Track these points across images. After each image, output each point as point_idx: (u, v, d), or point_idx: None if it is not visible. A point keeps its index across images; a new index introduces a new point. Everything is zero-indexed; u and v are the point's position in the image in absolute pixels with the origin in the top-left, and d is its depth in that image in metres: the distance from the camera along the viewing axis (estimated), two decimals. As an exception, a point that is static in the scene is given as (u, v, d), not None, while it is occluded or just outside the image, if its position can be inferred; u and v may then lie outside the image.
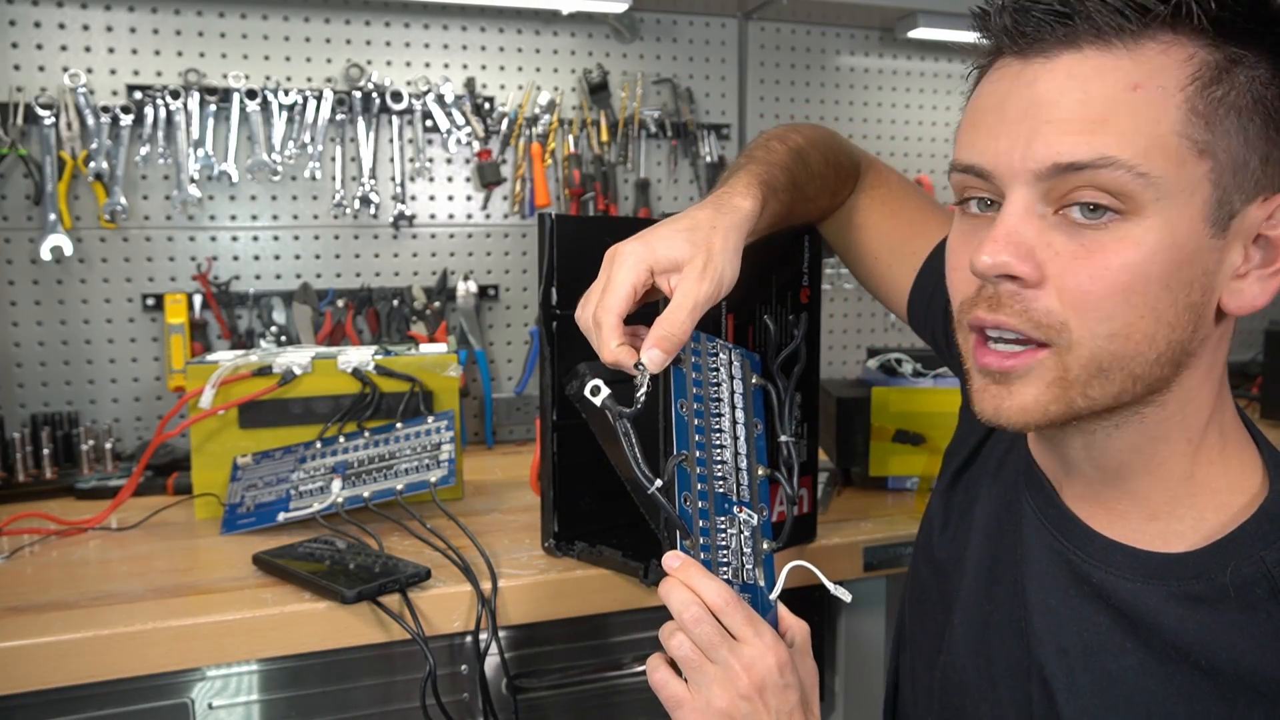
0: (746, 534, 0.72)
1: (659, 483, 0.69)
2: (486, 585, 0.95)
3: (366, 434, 1.19)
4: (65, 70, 1.45)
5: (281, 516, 1.10)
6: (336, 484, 1.12)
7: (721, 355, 0.75)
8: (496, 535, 1.10)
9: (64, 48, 1.46)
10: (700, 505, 0.70)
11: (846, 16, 1.83)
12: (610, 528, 1.06)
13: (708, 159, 1.79)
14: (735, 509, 0.71)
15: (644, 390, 0.68)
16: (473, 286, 1.67)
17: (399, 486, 1.10)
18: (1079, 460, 0.65)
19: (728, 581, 0.70)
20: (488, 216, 1.70)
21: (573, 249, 1.00)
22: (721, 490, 0.71)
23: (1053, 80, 0.55)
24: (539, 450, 1.04)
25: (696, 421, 0.71)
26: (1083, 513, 0.66)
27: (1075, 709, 0.62)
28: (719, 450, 0.72)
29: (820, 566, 1.09)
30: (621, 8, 1.59)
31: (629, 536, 1.01)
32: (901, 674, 0.84)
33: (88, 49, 1.47)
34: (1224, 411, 0.62)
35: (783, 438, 0.75)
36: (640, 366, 0.68)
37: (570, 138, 1.70)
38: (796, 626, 0.73)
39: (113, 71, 1.49)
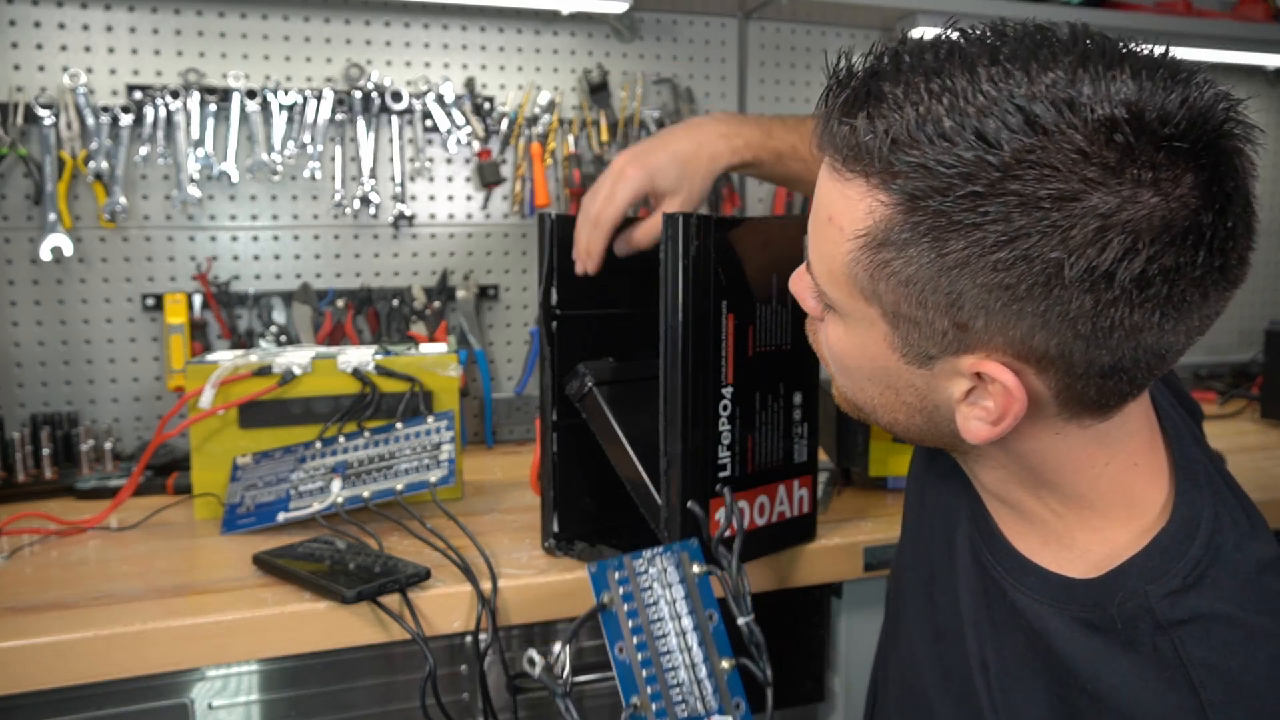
0: None
1: None
2: (486, 585, 0.95)
3: (366, 434, 1.19)
4: (65, 70, 1.45)
5: (281, 516, 1.10)
6: (336, 484, 1.12)
7: (651, 570, 0.75)
8: (496, 535, 1.10)
9: (64, 48, 1.46)
10: None
11: (846, 16, 1.83)
12: (610, 528, 1.06)
13: (708, 159, 1.79)
14: None
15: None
16: (473, 286, 1.67)
17: (399, 486, 1.10)
18: (969, 474, 0.68)
19: None
20: (488, 216, 1.70)
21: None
22: (686, 715, 0.70)
23: (820, 171, 0.58)
24: (539, 450, 1.05)
25: (641, 655, 0.71)
26: (1000, 523, 0.67)
27: None
28: (671, 673, 0.71)
29: (820, 566, 1.10)
30: (621, 8, 1.59)
31: (629, 536, 1.01)
32: (878, 668, 0.86)
33: (88, 49, 1.47)
34: (1101, 468, 0.60)
35: (740, 620, 0.73)
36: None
37: (570, 138, 1.70)
38: None
39: (113, 71, 1.49)
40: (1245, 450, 1.59)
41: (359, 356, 1.25)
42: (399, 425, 1.19)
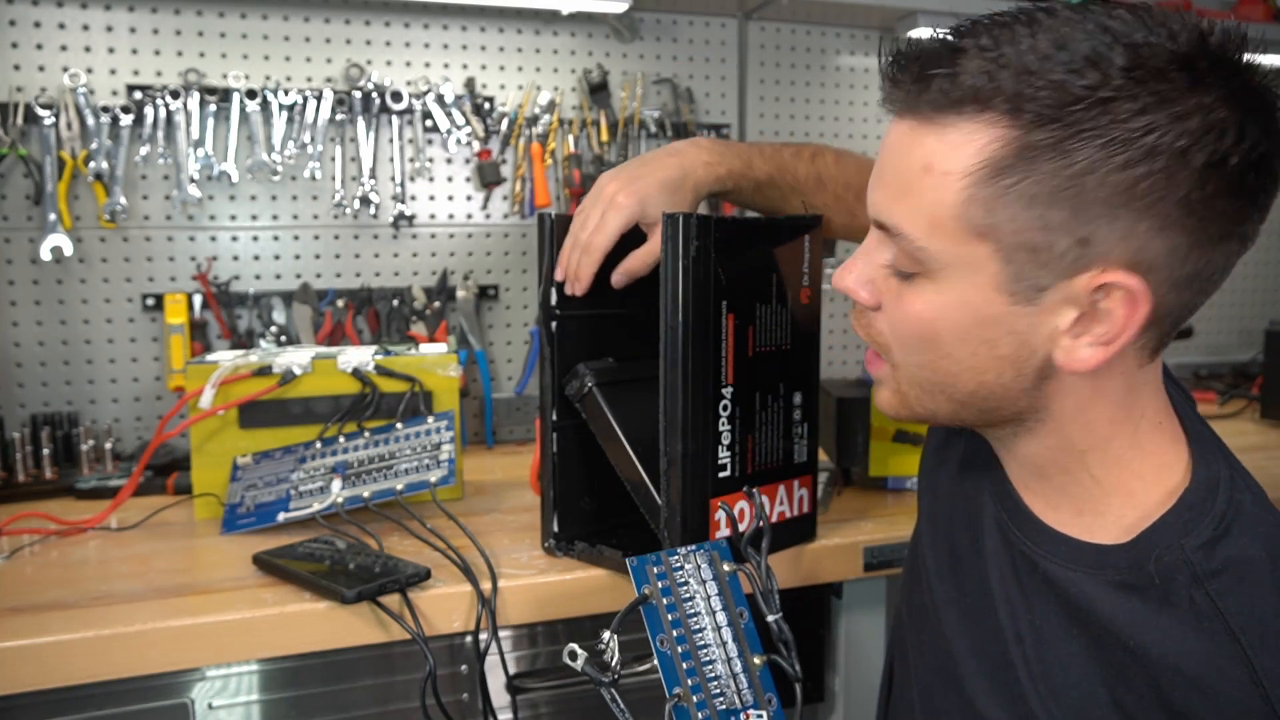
0: None
1: None
2: (486, 585, 0.95)
3: (366, 434, 1.19)
4: (65, 70, 1.45)
5: (281, 516, 1.10)
6: (336, 484, 1.12)
7: (686, 566, 0.76)
8: (496, 535, 1.10)
9: (64, 48, 1.46)
10: None
11: (846, 16, 1.83)
12: (610, 528, 1.06)
13: (708, 159, 1.79)
14: (743, 717, 0.71)
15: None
16: (473, 286, 1.67)
17: (399, 486, 1.10)
18: (1004, 456, 0.71)
19: None
20: (488, 216, 1.70)
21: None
22: (724, 707, 0.71)
23: (891, 140, 0.62)
24: (539, 450, 1.05)
25: (681, 648, 0.72)
26: (1027, 498, 0.70)
27: (1037, 696, 0.65)
28: (709, 666, 0.72)
29: (820, 566, 1.09)
30: (621, 8, 1.59)
31: (629, 536, 1.01)
32: (896, 659, 0.87)
33: (88, 49, 1.47)
34: (1137, 425, 0.65)
35: (770, 618, 0.75)
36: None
37: (570, 138, 1.70)
38: None
39: (113, 71, 1.49)
40: (1245, 450, 1.58)
41: (359, 356, 1.25)
42: (399, 425, 1.19)
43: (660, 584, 0.74)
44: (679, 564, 0.76)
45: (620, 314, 1.06)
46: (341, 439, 1.19)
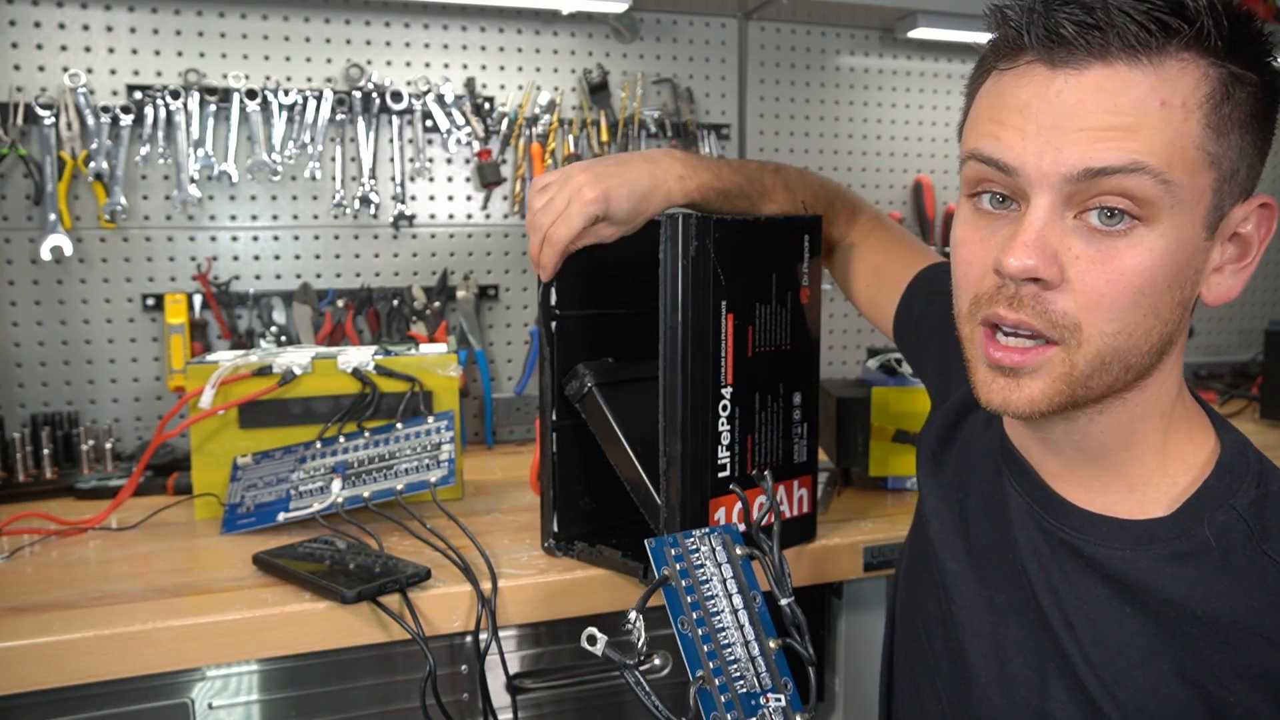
0: (779, 719, 0.72)
1: None
2: (486, 585, 0.95)
3: (366, 434, 1.19)
4: (65, 70, 1.45)
5: (281, 516, 1.10)
6: (336, 484, 1.12)
7: (703, 548, 0.76)
8: (496, 535, 1.10)
9: (64, 48, 1.46)
10: (731, 716, 0.69)
11: (846, 16, 1.83)
12: (610, 528, 1.06)
13: (708, 159, 1.79)
14: (763, 700, 0.71)
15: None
16: (473, 286, 1.67)
17: (399, 486, 1.10)
18: (1060, 442, 0.68)
19: None
20: (488, 216, 1.70)
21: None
22: (745, 690, 0.71)
23: (1082, 91, 0.58)
24: (539, 450, 1.05)
25: (700, 631, 0.71)
26: (1062, 489, 0.69)
27: (1096, 681, 0.64)
28: (729, 649, 0.72)
29: (820, 566, 1.09)
30: (621, 8, 1.59)
31: (629, 536, 1.01)
32: (896, 664, 0.85)
33: (88, 49, 1.47)
34: (1183, 389, 0.68)
35: (783, 601, 0.74)
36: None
37: (570, 138, 1.70)
38: None
39: (113, 71, 1.49)
40: (1245, 450, 1.59)
41: (359, 356, 1.25)
42: (399, 425, 1.19)
43: (678, 565, 0.74)
44: (695, 545, 0.75)
45: (620, 314, 1.06)
46: (341, 439, 1.19)
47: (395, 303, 1.63)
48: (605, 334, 1.05)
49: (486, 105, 1.66)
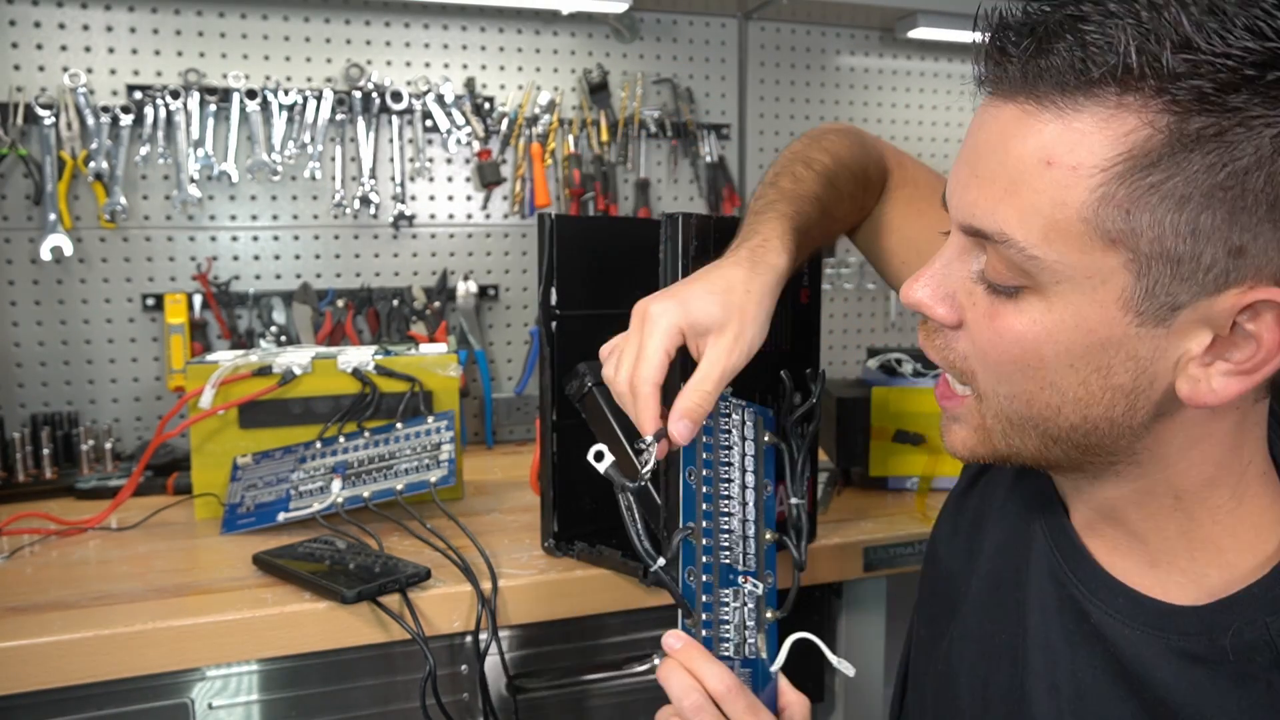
0: (750, 605, 0.71)
1: (661, 560, 0.67)
2: (486, 585, 0.95)
3: (366, 434, 1.19)
4: (65, 70, 1.45)
5: (281, 516, 1.10)
6: (336, 484, 1.12)
7: (734, 416, 0.72)
8: (496, 535, 1.10)
9: (64, 48, 1.46)
10: (705, 579, 0.68)
11: (846, 16, 1.83)
12: (610, 528, 1.06)
13: (708, 159, 1.79)
14: (740, 579, 0.70)
15: (650, 465, 0.67)
16: (473, 286, 1.67)
17: (399, 486, 1.10)
18: (1073, 496, 0.63)
19: (728, 658, 0.69)
20: (488, 216, 1.70)
21: (572, 249, 1.01)
22: (727, 561, 0.69)
23: (992, 129, 0.51)
24: (539, 450, 1.04)
25: (705, 489, 0.69)
26: (1090, 543, 0.62)
27: None
28: (726, 519, 0.70)
29: (820, 566, 1.09)
30: (621, 8, 1.59)
31: (628, 536, 1.01)
32: (911, 676, 0.82)
33: (88, 49, 1.47)
34: (1243, 471, 0.56)
35: (792, 500, 0.73)
36: (649, 442, 0.67)
37: (570, 138, 1.70)
38: (797, 703, 0.71)
39: (113, 71, 1.49)
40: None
41: (359, 356, 1.25)
42: (399, 425, 1.19)
43: (706, 420, 0.70)
44: (727, 411, 0.72)
45: (620, 314, 1.06)
46: (341, 439, 1.19)
47: (395, 303, 1.63)
48: (605, 334, 1.05)
49: (486, 105, 1.66)
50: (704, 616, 0.68)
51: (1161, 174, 0.46)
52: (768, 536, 0.72)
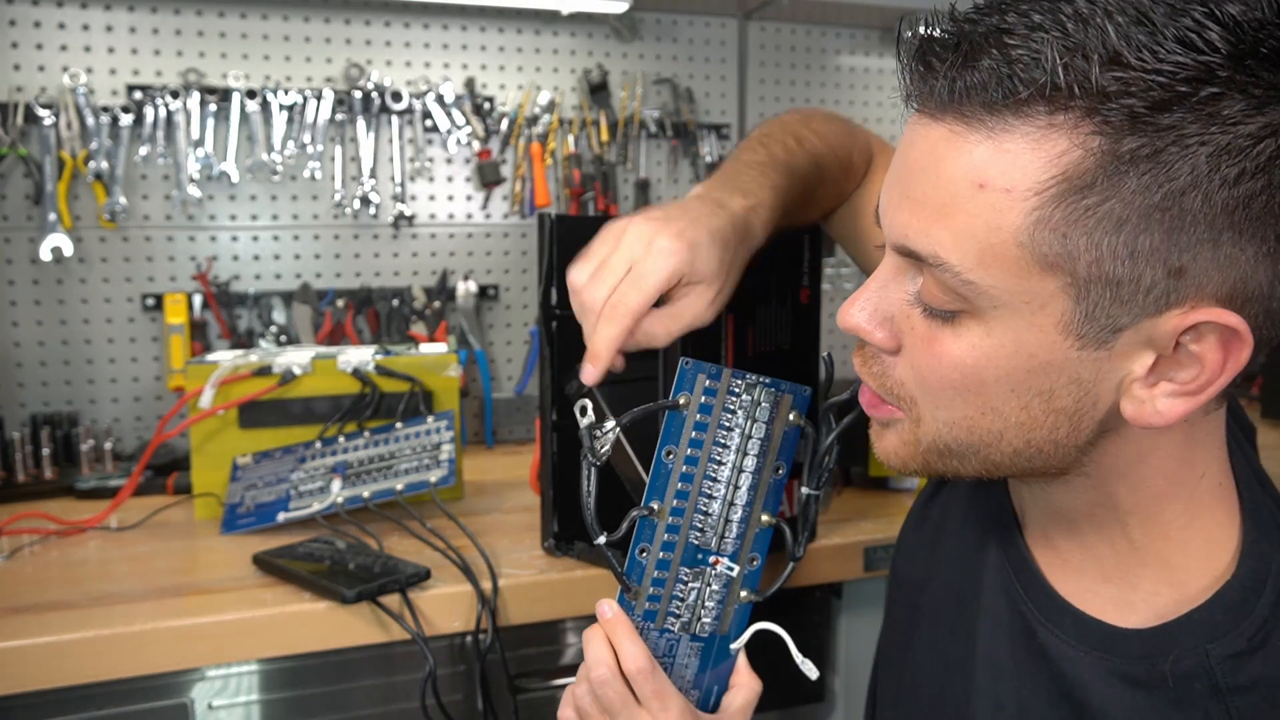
0: (717, 586, 0.70)
1: (604, 537, 0.67)
2: (486, 585, 0.95)
3: (366, 434, 1.19)
4: (65, 70, 1.45)
5: (281, 516, 1.10)
6: (336, 484, 1.12)
7: (744, 397, 0.68)
8: (496, 535, 1.10)
9: (64, 48, 1.46)
10: (662, 556, 0.67)
11: (846, 16, 1.83)
12: (610, 528, 1.06)
13: (708, 159, 1.79)
14: (711, 560, 0.68)
15: (607, 450, 0.67)
16: (473, 286, 1.67)
17: (399, 486, 1.10)
18: (1029, 504, 0.62)
19: (670, 634, 0.68)
20: (488, 216, 1.70)
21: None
22: (695, 542, 0.68)
23: (922, 148, 0.49)
24: (539, 450, 1.04)
25: (685, 469, 0.67)
26: (1043, 557, 0.61)
27: None
28: (705, 501, 0.68)
29: (820, 566, 1.09)
30: (621, 8, 1.59)
31: (628, 536, 1.01)
32: (880, 682, 0.82)
33: (88, 49, 1.47)
34: (1196, 485, 0.55)
35: (803, 490, 0.71)
36: (608, 427, 0.67)
37: (570, 138, 1.70)
38: (746, 685, 0.70)
39: (113, 71, 1.49)
40: (1245, 450, 1.59)
41: (359, 356, 1.25)
42: (399, 425, 1.19)
43: (704, 399, 0.67)
44: (737, 390, 0.68)
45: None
46: (341, 439, 1.19)
47: (395, 303, 1.63)
48: (605, 334, 1.05)
49: (486, 105, 1.66)
50: (651, 591, 0.67)
51: (1097, 196, 0.44)
52: (764, 519, 0.69)
